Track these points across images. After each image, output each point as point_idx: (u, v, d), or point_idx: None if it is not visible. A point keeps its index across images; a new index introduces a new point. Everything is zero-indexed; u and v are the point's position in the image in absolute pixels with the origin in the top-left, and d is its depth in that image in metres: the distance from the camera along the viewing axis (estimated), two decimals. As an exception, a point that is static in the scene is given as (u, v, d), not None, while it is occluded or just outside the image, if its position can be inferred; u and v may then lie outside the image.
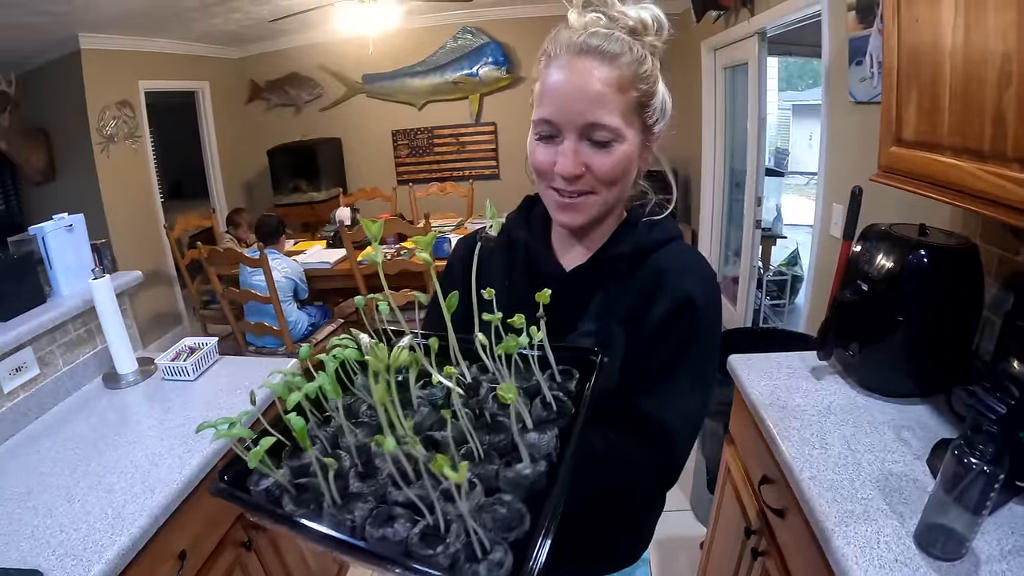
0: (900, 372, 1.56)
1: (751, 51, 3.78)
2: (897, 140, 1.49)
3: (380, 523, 0.63)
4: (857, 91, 2.37)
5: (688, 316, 0.95)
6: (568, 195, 0.95)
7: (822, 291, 2.81)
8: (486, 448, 0.71)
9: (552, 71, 0.92)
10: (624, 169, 0.94)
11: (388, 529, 0.62)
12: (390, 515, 0.64)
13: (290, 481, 0.70)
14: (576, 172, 0.91)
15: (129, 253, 5.00)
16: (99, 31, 4.67)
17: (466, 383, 0.83)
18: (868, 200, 1.93)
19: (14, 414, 1.86)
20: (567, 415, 0.75)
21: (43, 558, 1.28)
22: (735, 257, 4.71)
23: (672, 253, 1.03)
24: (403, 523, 0.63)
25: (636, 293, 1.00)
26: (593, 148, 0.91)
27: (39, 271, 2.16)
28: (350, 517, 0.64)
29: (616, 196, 0.98)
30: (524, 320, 0.77)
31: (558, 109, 0.90)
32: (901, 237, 1.55)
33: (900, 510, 1.19)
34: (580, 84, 0.89)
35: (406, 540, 0.61)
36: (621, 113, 0.90)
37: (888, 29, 1.47)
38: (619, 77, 0.89)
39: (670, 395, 0.96)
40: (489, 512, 0.63)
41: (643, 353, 0.96)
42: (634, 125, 0.93)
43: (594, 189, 0.94)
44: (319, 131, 6.63)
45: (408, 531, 0.62)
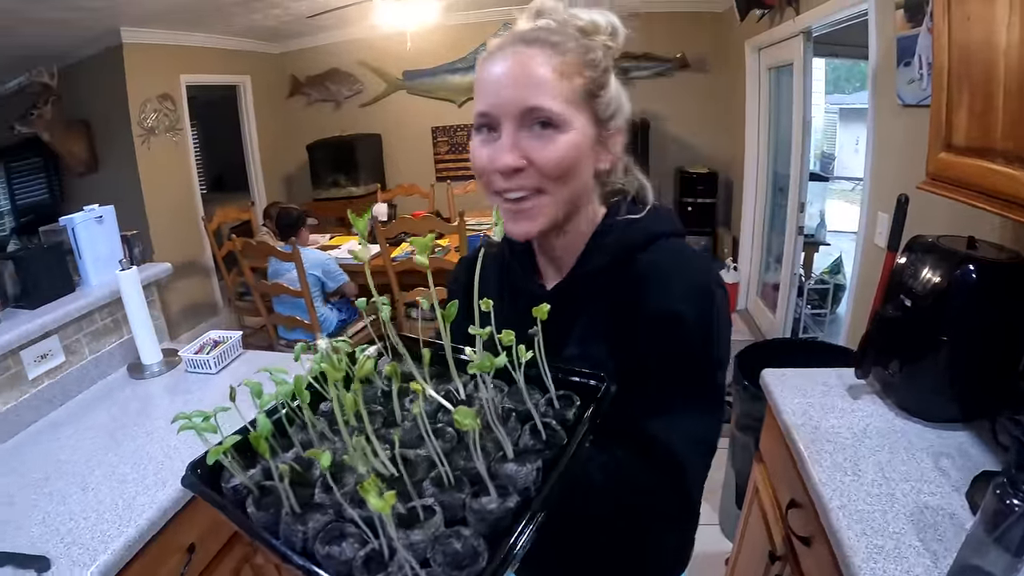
0: (942, 395, 1.46)
1: (796, 51, 3.69)
2: (946, 146, 1.40)
3: (329, 540, 0.61)
4: (905, 93, 2.26)
5: (677, 334, 0.85)
6: (514, 199, 0.86)
7: (864, 303, 2.71)
8: (458, 473, 0.66)
9: (489, 64, 0.85)
10: (573, 161, 0.85)
11: (335, 547, 0.60)
12: (342, 532, 0.62)
13: (257, 483, 0.69)
14: (514, 164, 0.82)
15: (168, 244, 5.10)
16: (140, 25, 4.73)
17: (458, 399, 0.78)
18: (915, 209, 1.84)
19: (38, 400, 1.89)
20: (556, 446, 0.69)
21: (52, 545, 1.31)
22: (776, 263, 4.61)
23: (656, 256, 0.92)
24: (351, 543, 0.60)
25: (619, 309, 0.90)
26: (534, 138, 0.83)
27: (69, 261, 2.19)
28: (302, 529, 0.62)
29: (570, 196, 0.88)
30: (514, 337, 0.70)
31: (494, 98, 0.83)
32: (948, 250, 1.45)
33: (934, 548, 1.10)
34: (517, 70, 0.82)
35: (350, 562, 0.59)
36: (565, 98, 0.82)
37: (938, 27, 1.38)
38: (562, 62, 0.82)
39: (672, 418, 0.86)
40: (442, 545, 0.59)
41: (636, 375, 0.85)
42: (583, 113, 0.85)
43: (541, 187, 0.85)
44: (359, 127, 6.65)
45: (355, 552, 0.59)
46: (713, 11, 5.33)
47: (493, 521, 0.61)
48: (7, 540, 1.33)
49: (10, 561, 1.25)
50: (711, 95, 5.52)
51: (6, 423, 1.79)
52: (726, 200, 5.65)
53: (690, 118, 5.65)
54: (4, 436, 1.78)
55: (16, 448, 1.75)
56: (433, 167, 6.69)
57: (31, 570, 1.23)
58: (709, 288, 0.88)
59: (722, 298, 0.89)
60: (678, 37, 5.46)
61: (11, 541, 1.33)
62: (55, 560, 1.25)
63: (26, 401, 1.85)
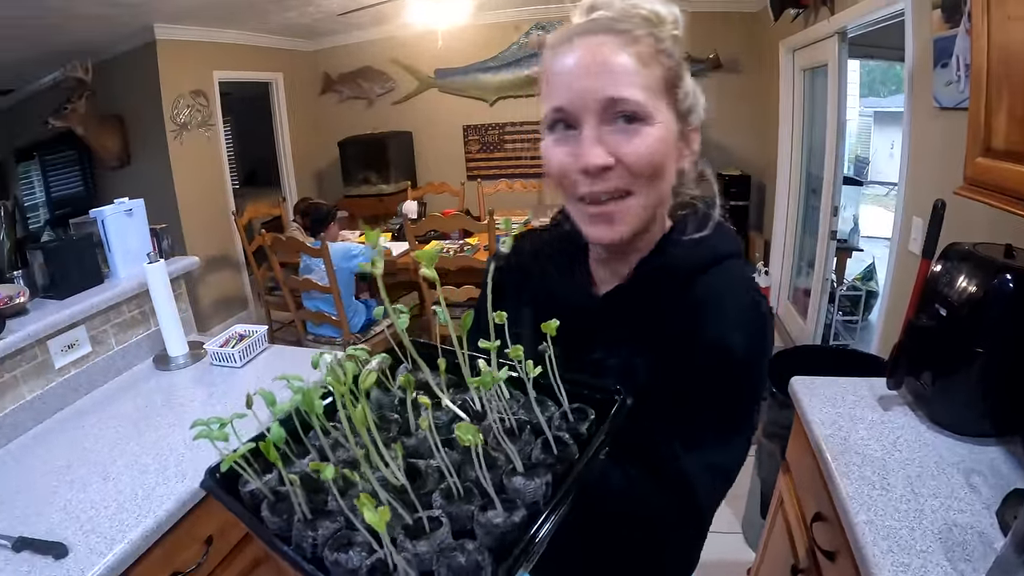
0: (975, 409, 1.42)
1: (831, 52, 3.62)
2: (985, 150, 1.35)
3: (338, 547, 0.60)
4: (942, 96, 2.20)
5: (724, 362, 0.81)
6: (600, 201, 0.79)
7: (897, 311, 2.65)
8: (469, 485, 0.65)
9: (558, 57, 0.79)
10: (661, 157, 0.78)
11: (342, 555, 0.59)
12: (350, 540, 0.61)
13: (272, 489, 0.69)
14: (603, 162, 0.76)
15: (199, 237, 5.18)
16: (174, 22, 4.79)
17: (473, 409, 0.76)
18: (950, 214, 1.79)
19: (64, 389, 1.93)
20: (567, 460, 0.67)
21: (70, 532, 1.33)
22: (808, 268, 4.53)
23: (716, 280, 0.86)
24: (358, 552, 0.60)
25: (671, 326, 0.84)
26: (619, 133, 0.76)
27: (98, 253, 2.22)
28: (312, 535, 0.62)
29: (658, 197, 0.82)
30: (521, 353, 0.68)
31: (571, 93, 0.77)
32: (985, 258, 1.41)
33: (961, 568, 1.06)
34: (593, 59, 0.75)
35: (357, 570, 0.58)
36: (645, 88, 0.76)
37: (977, 28, 1.33)
38: (637, 50, 0.76)
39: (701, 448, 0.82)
40: (447, 558, 0.58)
41: (670, 395, 0.80)
42: (665, 104, 0.79)
43: (630, 187, 0.78)
44: (390, 124, 6.66)
45: (361, 561, 0.59)
46: (747, 11, 5.25)
47: (499, 535, 0.60)
48: (27, 525, 1.35)
49: (28, 546, 1.27)
50: (744, 96, 5.45)
51: (32, 411, 1.82)
52: (758, 203, 5.58)
53: (723, 119, 5.58)
54: (30, 423, 1.81)
55: (41, 435, 1.78)
56: (464, 166, 6.68)
57: (49, 556, 1.25)
58: (762, 319, 0.84)
59: (770, 326, 0.86)
60: (711, 37, 5.40)
61: (31, 526, 1.35)
62: (72, 547, 1.27)
63: (52, 389, 1.89)
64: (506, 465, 0.66)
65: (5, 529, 1.33)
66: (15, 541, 1.28)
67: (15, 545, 1.27)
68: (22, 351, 1.80)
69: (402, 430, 0.76)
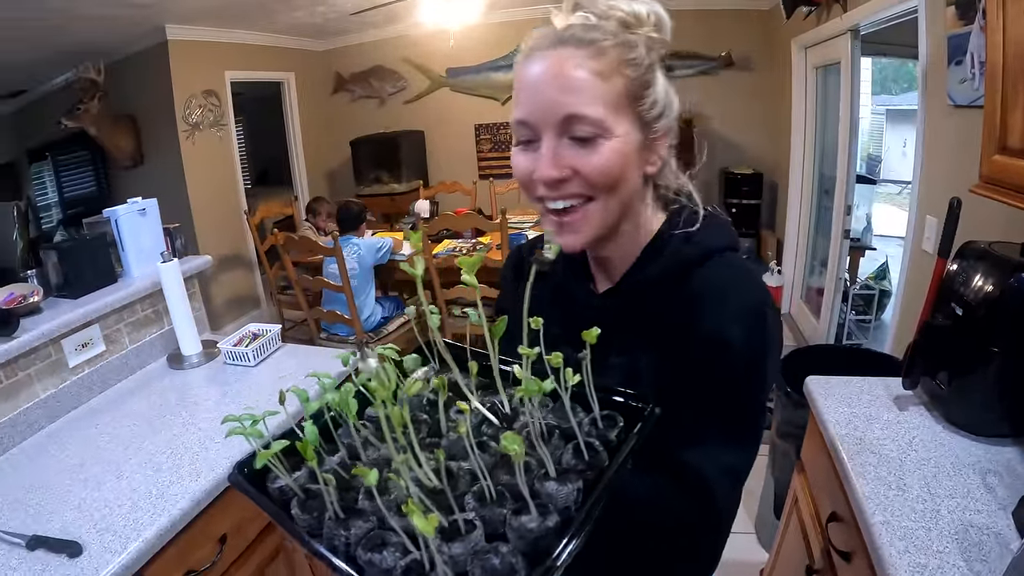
0: (991, 409, 1.40)
1: (843, 50, 3.60)
2: (1001, 148, 1.34)
3: (371, 547, 0.61)
4: (956, 93, 2.19)
5: (724, 359, 0.81)
6: (560, 208, 0.82)
7: (911, 310, 2.63)
8: (501, 488, 0.65)
9: (525, 67, 0.81)
10: (618, 169, 0.80)
11: (376, 555, 0.60)
12: (384, 540, 0.62)
13: (302, 486, 0.69)
14: (557, 175, 0.79)
15: (211, 237, 5.21)
16: (185, 23, 4.81)
17: (503, 413, 0.76)
18: (965, 213, 1.77)
19: (78, 387, 1.94)
20: (598, 467, 0.67)
21: (84, 531, 1.33)
22: (821, 267, 4.51)
23: (712, 273, 0.87)
24: (392, 552, 0.60)
25: (669, 323, 0.86)
26: (576, 147, 0.79)
27: (112, 252, 2.23)
28: (345, 535, 0.63)
29: (619, 204, 0.84)
30: (561, 360, 0.68)
31: (532, 107, 0.79)
32: (1001, 257, 1.39)
33: (977, 568, 1.06)
34: (554, 74, 0.77)
35: (391, 570, 0.59)
36: (606, 103, 0.77)
37: (992, 24, 1.32)
38: (600, 63, 0.77)
39: (707, 447, 0.82)
40: (481, 560, 0.58)
41: (675, 394, 0.79)
42: (626, 118, 0.80)
43: (589, 194, 0.81)
44: (402, 123, 6.67)
45: (396, 561, 0.59)
46: (759, 9, 5.23)
47: (532, 540, 0.60)
48: (41, 524, 1.36)
49: (43, 544, 1.28)
50: (756, 94, 5.43)
51: (46, 409, 1.83)
52: (771, 202, 5.55)
53: (735, 118, 5.56)
54: (44, 422, 1.82)
55: (55, 434, 1.79)
56: (476, 165, 6.69)
57: (63, 554, 1.25)
58: (762, 311, 0.84)
59: (773, 320, 0.86)
60: (723, 35, 5.38)
61: (44, 525, 1.36)
62: (87, 546, 1.28)
63: (66, 388, 1.90)
64: (538, 470, 0.66)
65: (19, 527, 1.34)
66: (29, 539, 1.28)
67: (29, 544, 1.28)
68: (36, 350, 1.81)
69: (431, 431, 0.76)
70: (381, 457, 0.71)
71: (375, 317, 4.05)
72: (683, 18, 5.31)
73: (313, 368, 2.02)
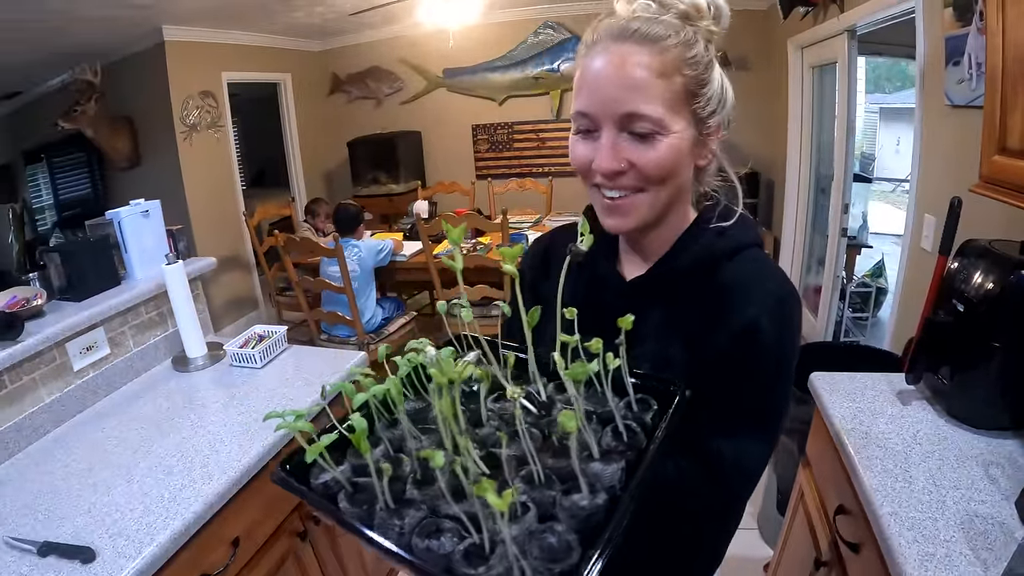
0: (993, 403, 1.43)
1: (840, 50, 3.62)
2: (1001, 148, 1.36)
3: (427, 534, 0.62)
4: (954, 94, 2.21)
5: (753, 346, 0.85)
6: (613, 196, 0.86)
7: (908, 307, 2.66)
8: (547, 472, 0.67)
9: (589, 60, 0.84)
10: (673, 165, 0.84)
11: (434, 541, 0.61)
12: (438, 527, 0.63)
13: (348, 479, 0.70)
14: (615, 168, 0.83)
15: (209, 238, 5.19)
16: (182, 24, 4.80)
17: (539, 401, 0.78)
18: (964, 211, 1.79)
19: (83, 391, 1.94)
20: (637, 448, 0.70)
21: (97, 536, 1.32)
22: (818, 266, 4.54)
23: (741, 267, 0.91)
24: (450, 537, 0.61)
25: (699, 313, 0.89)
26: (634, 142, 0.82)
27: (115, 254, 2.23)
28: (399, 524, 0.64)
29: (669, 196, 0.88)
30: (601, 345, 0.71)
31: (594, 100, 0.83)
32: (1002, 255, 1.42)
33: (984, 556, 1.08)
34: (617, 71, 0.80)
35: (450, 555, 0.60)
36: (664, 102, 0.81)
37: (991, 27, 1.34)
38: (661, 62, 0.80)
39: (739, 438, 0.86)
40: (538, 540, 0.60)
41: (705, 383, 0.82)
42: (682, 115, 0.83)
43: (641, 186, 0.85)
44: (399, 124, 6.67)
45: (454, 546, 0.60)
46: (756, 9, 5.25)
47: (584, 518, 0.62)
48: (51, 530, 1.35)
49: (54, 551, 1.27)
50: (753, 94, 5.44)
51: (51, 413, 1.83)
52: (768, 201, 5.57)
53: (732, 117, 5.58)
54: (49, 426, 1.82)
55: (61, 438, 1.79)
56: (473, 165, 6.69)
57: (76, 560, 1.25)
58: (788, 302, 0.88)
59: (798, 310, 0.90)
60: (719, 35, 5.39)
61: (55, 531, 1.35)
62: (100, 551, 1.27)
63: (71, 392, 1.89)
64: (580, 452, 0.67)
65: (29, 534, 1.33)
66: (40, 546, 1.27)
67: (40, 550, 1.27)
68: (40, 354, 1.81)
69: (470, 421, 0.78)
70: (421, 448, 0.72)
71: (376, 319, 4.05)
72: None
73: (319, 370, 2.04)
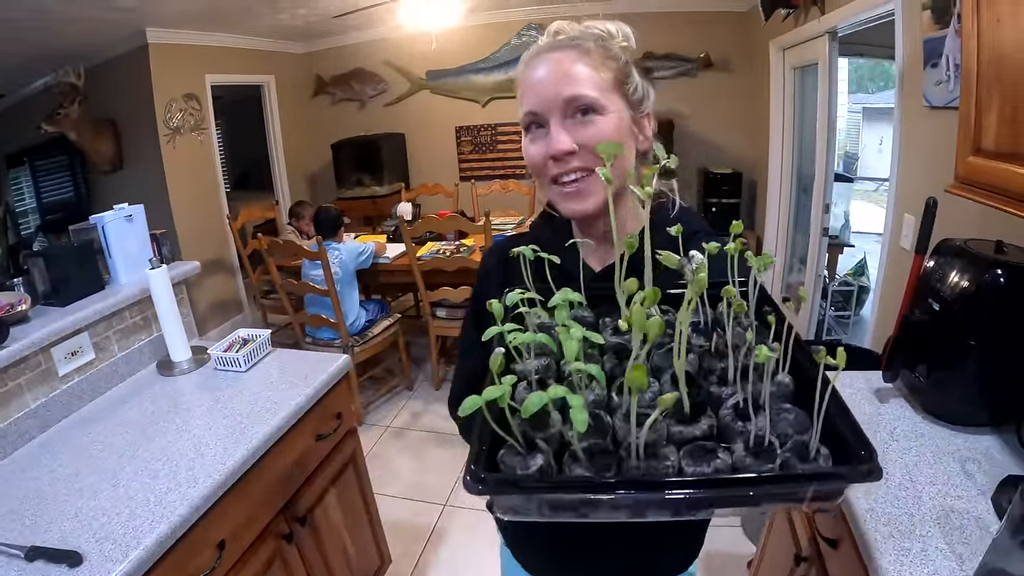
0: (969, 400, 1.45)
1: (821, 51, 3.65)
2: (976, 150, 1.38)
3: (699, 460, 0.62)
4: (932, 95, 2.24)
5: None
6: (568, 180, 0.96)
7: (888, 305, 2.68)
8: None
9: (528, 71, 0.97)
10: (616, 137, 0.94)
11: (716, 460, 0.62)
12: (704, 449, 0.64)
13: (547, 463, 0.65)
14: (566, 148, 0.93)
15: (193, 242, 5.17)
16: (166, 26, 4.79)
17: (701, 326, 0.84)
18: (942, 211, 1.82)
19: (68, 396, 1.93)
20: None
21: (83, 540, 1.33)
22: (800, 265, 4.57)
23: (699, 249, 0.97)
24: (723, 452, 0.63)
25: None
26: (579, 124, 0.94)
27: (99, 259, 2.23)
28: (668, 464, 0.63)
29: (619, 173, 0.95)
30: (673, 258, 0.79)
31: (539, 98, 0.95)
32: (977, 254, 1.44)
33: (960, 551, 1.10)
34: (555, 69, 0.94)
35: (733, 464, 0.62)
36: (597, 86, 0.93)
37: (967, 29, 1.36)
38: (589, 59, 0.94)
39: None
40: (782, 421, 0.65)
41: None
42: (616, 96, 0.96)
43: (592, 166, 0.93)
44: (383, 126, 6.67)
45: (730, 457, 0.62)
46: (737, 11, 5.29)
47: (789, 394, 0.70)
48: (38, 534, 1.35)
49: (42, 555, 1.27)
50: (735, 95, 5.48)
51: (37, 419, 1.82)
52: (750, 201, 5.61)
53: (714, 118, 5.61)
54: (35, 431, 1.81)
55: (47, 444, 1.78)
56: (457, 167, 6.69)
57: (63, 564, 1.25)
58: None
59: None
60: (702, 37, 5.44)
61: (42, 535, 1.35)
62: (87, 555, 1.27)
63: (56, 397, 1.89)
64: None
65: (16, 539, 1.33)
66: (28, 550, 1.27)
67: (28, 555, 1.27)
68: (26, 359, 1.81)
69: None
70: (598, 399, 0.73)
71: (360, 321, 4.05)
72: (661, 20, 5.42)
73: (304, 373, 2.05)
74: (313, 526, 1.96)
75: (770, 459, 0.61)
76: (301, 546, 1.89)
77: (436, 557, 2.83)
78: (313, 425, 1.96)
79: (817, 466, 0.60)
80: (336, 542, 2.11)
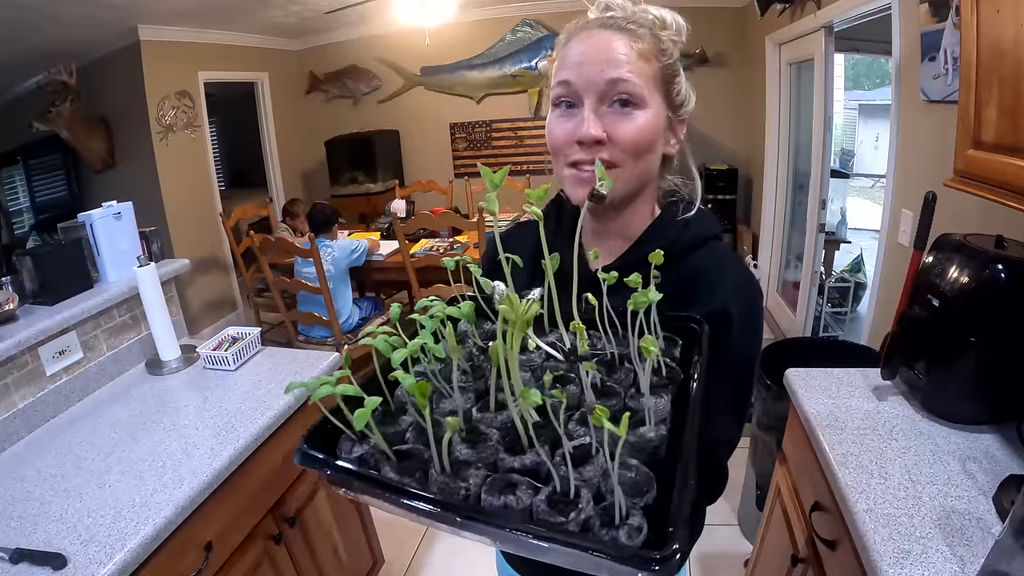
0: (969, 397, 1.43)
1: (817, 46, 3.64)
2: (975, 143, 1.36)
3: (499, 491, 0.59)
4: (930, 89, 2.22)
5: (724, 331, 0.86)
6: (588, 168, 0.88)
7: (886, 301, 2.67)
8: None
9: (571, 44, 0.89)
10: (649, 140, 0.88)
11: (510, 497, 0.58)
12: (509, 482, 0.60)
13: (381, 451, 0.65)
14: (597, 135, 0.85)
15: (186, 239, 5.15)
16: (158, 23, 4.76)
17: (566, 349, 0.78)
18: (940, 206, 1.80)
19: (56, 396, 1.91)
20: (676, 381, 0.72)
21: (68, 542, 1.31)
22: (797, 261, 4.57)
23: (708, 256, 0.96)
24: (525, 490, 0.58)
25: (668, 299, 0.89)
26: (615, 114, 0.86)
27: (87, 257, 2.20)
28: (464, 485, 0.60)
29: (641, 174, 0.91)
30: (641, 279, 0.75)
31: (577, 73, 0.86)
32: (976, 249, 1.42)
33: (960, 552, 1.08)
34: (601, 48, 0.86)
35: (531, 508, 0.57)
36: (643, 78, 0.86)
37: (966, 22, 1.34)
38: (639, 47, 0.86)
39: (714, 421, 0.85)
40: (622, 476, 0.59)
41: None
42: (658, 94, 0.89)
43: (616, 161, 0.87)
44: (377, 123, 6.65)
45: (531, 498, 0.57)
46: (733, 6, 5.28)
47: (651, 450, 0.63)
48: (23, 536, 1.34)
49: (26, 558, 1.26)
50: (731, 91, 5.47)
51: (24, 419, 1.80)
52: (746, 197, 5.60)
53: (710, 114, 5.60)
54: (22, 432, 1.79)
55: (34, 444, 1.76)
56: (451, 163, 6.68)
57: (48, 567, 1.23)
58: (756, 288, 0.94)
59: (761, 296, 0.96)
60: (697, 32, 5.30)
61: (27, 538, 1.33)
62: (71, 557, 1.26)
63: (44, 397, 1.87)
64: (628, 389, 0.69)
65: (1, 541, 1.32)
66: (12, 553, 1.26)
67: (12, 557, 1.25)
68: (13, 359, 1.78)
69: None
70: (456, 408, 0.70)
71: (353, 319, 4.04)
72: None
73: (292, 372, 2.02)
74: (303, 526, 1.93)
75: (568, 512, 0.55)
76: (290, 547, 1.87)
77: (430, 557, 2.81)
78: (303, 424, 1.93)
79: (591, 537, 0.54)
80: (326, 542, 2.09)
